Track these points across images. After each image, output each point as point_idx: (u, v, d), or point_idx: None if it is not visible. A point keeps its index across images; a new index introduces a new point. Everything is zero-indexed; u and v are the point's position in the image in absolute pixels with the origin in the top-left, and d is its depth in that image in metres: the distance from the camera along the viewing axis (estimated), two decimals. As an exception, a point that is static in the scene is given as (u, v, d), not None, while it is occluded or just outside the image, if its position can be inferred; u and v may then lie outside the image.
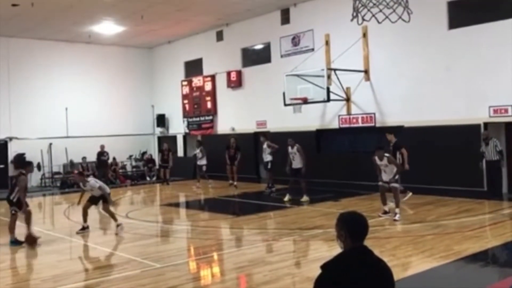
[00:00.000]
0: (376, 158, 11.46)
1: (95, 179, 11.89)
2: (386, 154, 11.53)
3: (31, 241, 10.09)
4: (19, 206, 10.23)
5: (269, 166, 17.05)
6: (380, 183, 11.63)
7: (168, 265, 8.16)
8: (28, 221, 10.36)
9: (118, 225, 11.09)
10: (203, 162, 19.29)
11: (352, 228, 3.06)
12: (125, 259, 8.73)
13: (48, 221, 15.22)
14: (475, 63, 13.84)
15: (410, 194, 13.45)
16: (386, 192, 11.58)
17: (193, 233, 11.39)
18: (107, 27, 20.69)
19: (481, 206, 12.63)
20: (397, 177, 11.47)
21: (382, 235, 9.58)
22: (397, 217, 11.07)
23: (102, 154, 21.96)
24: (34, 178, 22.08)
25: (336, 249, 3.15)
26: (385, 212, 11.50)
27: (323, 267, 2.97)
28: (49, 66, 22.50)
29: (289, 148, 14.58)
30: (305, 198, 14.25)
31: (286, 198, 14.47)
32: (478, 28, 13.82)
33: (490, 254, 8.52)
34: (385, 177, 11.47)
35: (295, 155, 14.43)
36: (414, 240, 9.26)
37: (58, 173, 22.50)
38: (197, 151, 19.56)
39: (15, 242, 10.04)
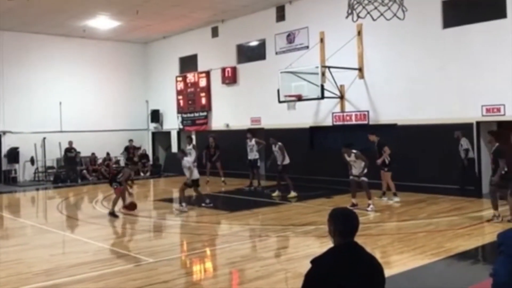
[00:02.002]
0: (345, 155, 12.34)
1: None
2: (354, 151, 12.25)
3: (132, 207, 12.86)
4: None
5: (258, 164, 17.18)
6: (350, 177, 12.44)
7: (161, 260, 8.19)
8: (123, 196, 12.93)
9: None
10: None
11: (342, 224, 3.10)
12: (118, 253, 8.75)
13: (41, 215, 15.20)
14: (469, 62, 13.91)
15: (398, 199, 13.36)
16: (357, 186, 12.38)
17: (186, 229, 11.42)
18: (102, 22, 20.62)
19: (473, 204, 12.71)
20: (365, 171, 12.13)
21: (374, 232, 9.64)
22: (369, 208, 11.86)
23: (69, 150, 21.52)
24: (27, 172, 22.08)
25: (328, 245, 3.19)
26: (353, 205, 11.96)
27: (313, 262, 3.01)
28: (44, 60, 22.41)
29: (273, 146, 14.99)
30: (292, 194, 14.48)
31: (275, 194, 14.84)
32: (472, 28, 13.89)
33: (481, 251, 8.60)
34: (355, 171, 12.32)
35: (277, 153, 14.79)
36: (405, 237, 9.33)
37: (52, 167, 22.45)
38: (189, 147, 19.25)
39: (112, 214, 12.06)
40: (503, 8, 13.21)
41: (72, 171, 21.47)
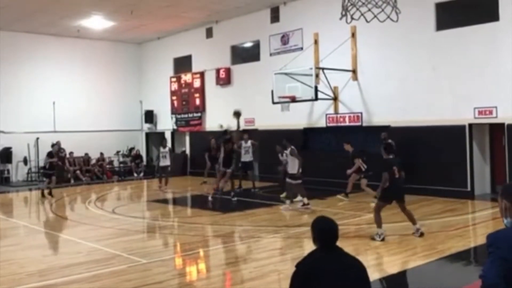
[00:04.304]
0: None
1: None
2: (293, 147, 12.87)
3: None
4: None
5: (252, 166, 17.11)
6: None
7: (154, 261, 8.19)
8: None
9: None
10: (167, 162, 18.05)
11: (321, 232, 3.33)
12: (111, 254, 8.74)
13: (33, 215, 15.15)
14: (462, 64, 13.99)
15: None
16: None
17: (179, 229, 11.42)
18: (96, 22, 20.58)
19: (465, 206, 12.81)
20: (295, 172, 12.65)
21: (366, 234, 9.68)
22: (283, 208, 12.75)
23: (58, 150, 20.59)
24: (20, 173, 22.00)
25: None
26: (304, 204, 12.54)
27: (297, 266, 3.24)
28: (37, 60, 22.33)
29: (280, 155, 14.88)
30: (284, 194, 14.53)
31: (283, 195, 14.43)
32: (465, 30, 13.97)
33: (473, 253, 8.66)
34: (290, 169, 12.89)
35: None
36: (398, 239, 9.37)
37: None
38: (165, 150, 18.13)
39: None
40: (495, 11, 13.30)
41: (61, 171, 21.20)
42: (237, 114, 15.99)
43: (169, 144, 20.02)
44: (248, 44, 20.68)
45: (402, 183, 9.80)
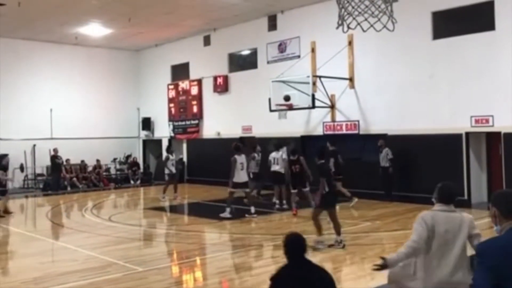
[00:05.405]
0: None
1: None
2: (236, 155, 13.25)
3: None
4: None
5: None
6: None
7: (151, 269, 8.17)
8: None
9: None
10: (174, 170, 17.54)
11: (289, 245, 3.87)
12: (107, 262, 8.71)
13: (30, 222, 15.10)
14: (458, 73, 14.04)
15: (356, 200, 14.25)
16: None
17: (176, 237, 11.39)
18: (94, 29, 20.62)
19: (462, 214, 12.79)
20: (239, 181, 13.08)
21: (364, 242, 9.67)
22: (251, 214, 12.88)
23: (56, 157, 20.86)
24: (16, 179, 21.90)
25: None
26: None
27: (271, 279, 3.78)
28: (35, 67, 22.33)
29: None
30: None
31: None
32: (462, 39, 14.03)
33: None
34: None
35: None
36: (396, 247, 9.30)
37: (41, 174, 22.31)
38: (173, 157, 17.76)
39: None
40: (491, 21, 13.37)
41: (58, 178, 21.17)
42: (287, 98, 15.86)
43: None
44: (246, 52, 20.73)
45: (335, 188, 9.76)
